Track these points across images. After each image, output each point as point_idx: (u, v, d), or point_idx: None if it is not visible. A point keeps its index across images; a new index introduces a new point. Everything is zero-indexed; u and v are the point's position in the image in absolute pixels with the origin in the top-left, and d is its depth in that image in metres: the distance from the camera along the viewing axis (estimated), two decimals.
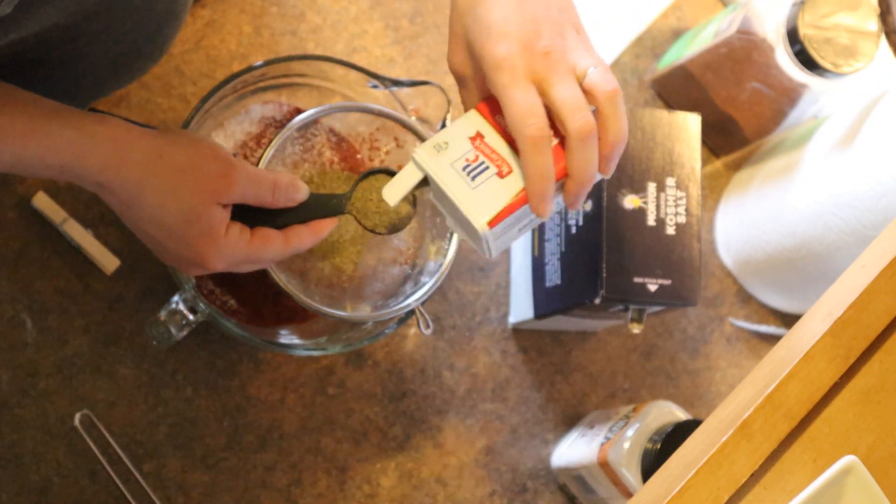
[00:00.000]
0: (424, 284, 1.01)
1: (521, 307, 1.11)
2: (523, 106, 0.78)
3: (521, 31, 0.78)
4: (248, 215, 0.89)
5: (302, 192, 0.90)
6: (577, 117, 0.78)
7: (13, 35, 0.81)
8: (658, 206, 1.00)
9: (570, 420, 1.12)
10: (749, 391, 0.80)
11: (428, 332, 1.01)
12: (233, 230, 0.86)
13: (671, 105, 1.18)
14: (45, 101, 0.81)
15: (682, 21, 1.21)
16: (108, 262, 1.04)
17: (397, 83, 1.04)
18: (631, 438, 1.02)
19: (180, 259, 0.87)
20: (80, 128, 0.80)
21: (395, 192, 0.84)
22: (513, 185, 0.81)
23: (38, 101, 0.81)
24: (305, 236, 0.90)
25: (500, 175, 0.82)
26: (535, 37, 0.79)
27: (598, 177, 0.82)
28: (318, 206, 0.93)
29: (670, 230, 1.00)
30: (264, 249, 0.88)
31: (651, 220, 1.00)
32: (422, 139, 1.03)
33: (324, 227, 0.91)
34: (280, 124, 1.03)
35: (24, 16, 0.80)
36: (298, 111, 1.04)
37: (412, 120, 1.03)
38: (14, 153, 0.79)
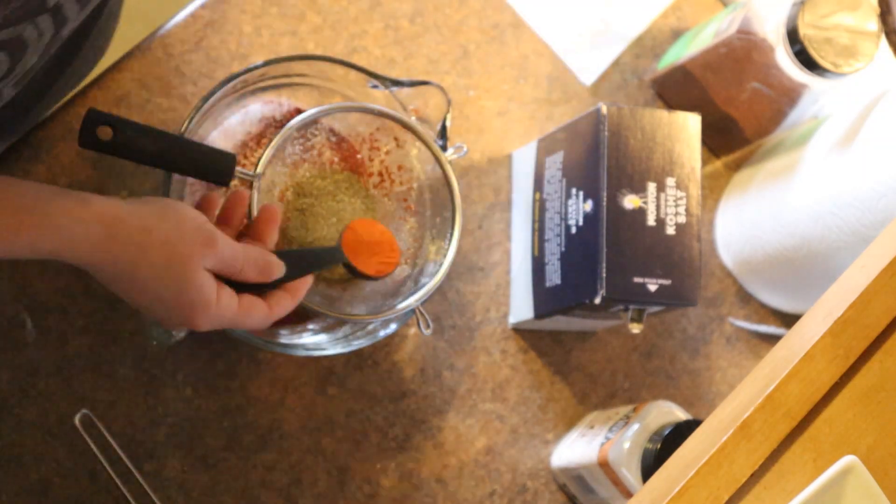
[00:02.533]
0: (424, 284, 1.01)
1: (521, 307, 1.11)
2: None
3: None
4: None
5: (278, 271, 0.91)
6: None
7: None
8: (658, 206, 1.00)
9: (570, 420, 1.12)
10: (749, 391, 0.80)
11: (428, 332, 1.01)
12: (223, 296, 0.88)
13: (671, 105, 1.18)
14: (26, 185, 0.82)
15: (682, 21, 1.21)
16: None
17: (397, 83, 1.04)
18: (631, 438, 1.02)
19: (168, 320, 0.89)
20: (67, 213, 0.82)
21: None
22: None
23: (21, 188, 0.82)
24: (287, 301, 0.92)
25: None
26: None
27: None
28: (311, 261, 0.95)
29: (670, 230, 1.00)
30: (249, 317, 0.90)
31: (651, 220, 1.00)
32: (422, 139, 1.03)
33: (301, 289, 0.93)
34: (280, 124, 1.03)
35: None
36: (298, 111, 1.04)
37: (412, 120, 1.03)
38: (3, 248, 0.81)
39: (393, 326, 1.03)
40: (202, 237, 0.87)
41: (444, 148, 1.03)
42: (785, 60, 1.08)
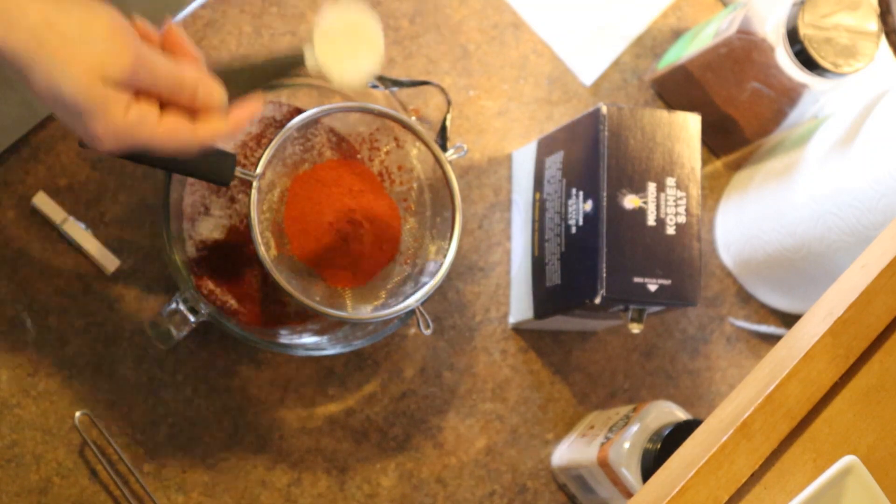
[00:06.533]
0: (424, 284, 1.01)
1: (521, 307, 1.11)
2: None
3: None
4: None
5: (217, 96, 0.82)
6: None
7: None
8: (658, 206, 1.00)
9: (570, 420, 1.12)
10: (749, 391, 0.80)
11: (428, 332, 1.01)
12: (134, 110, 0.78)
13: (671, 105, 1.18)
14: None
15: (682, 21, 1.21)
16: (108, 262, 1.04)
17: (397, 83, 1.04)
18: (631, 438, 1.02)
19: (74, 128, 0.80)
20: None
21: None
22: None
23: None
24: (218, 124, 0.82)
25: None
26: None
27: None
28: (258, 76, 0.87)
29: (670, 230, 1.00)
30: (170, 138, 0.80)
31: (651, 220, 1.00)
32: (422, 139, 1.03)
33: (241, 114, 0.84)
34: (280, 124, 1.03)
35: None
36: (298, 111, 1.04)
37: (412, 120, 1.03)
38: None
39: (393, 326, 1.03)
40: (110, 48, 0.76)
41: (444, 148, 1.03)
42: (785, 60, 1.08)
